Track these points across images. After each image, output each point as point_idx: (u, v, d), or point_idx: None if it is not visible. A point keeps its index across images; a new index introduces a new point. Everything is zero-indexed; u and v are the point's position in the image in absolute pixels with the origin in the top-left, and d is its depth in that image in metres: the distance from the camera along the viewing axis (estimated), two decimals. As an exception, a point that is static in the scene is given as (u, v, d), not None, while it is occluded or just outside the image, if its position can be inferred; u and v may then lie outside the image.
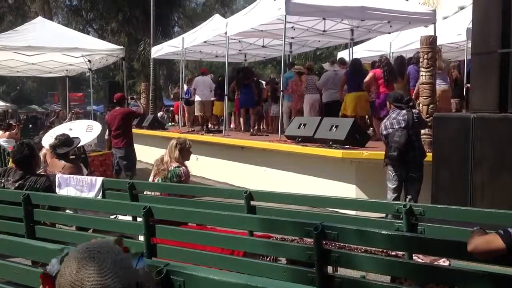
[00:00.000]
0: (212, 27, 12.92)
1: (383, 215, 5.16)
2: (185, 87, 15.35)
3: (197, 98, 13.89)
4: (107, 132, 10.70)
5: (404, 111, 6.55)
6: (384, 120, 6.82)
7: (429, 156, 6.63)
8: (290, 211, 4.46)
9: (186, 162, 5.47)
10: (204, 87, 13.74)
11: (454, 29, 11.81)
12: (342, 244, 3.27)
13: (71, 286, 1.19)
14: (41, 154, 6.66)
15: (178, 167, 5.26)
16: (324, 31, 11.95)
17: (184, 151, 5.41)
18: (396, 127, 6.48)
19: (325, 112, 10.71)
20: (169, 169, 5.24)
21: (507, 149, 5.45)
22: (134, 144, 9.69)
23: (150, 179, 5.43)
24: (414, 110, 6.70)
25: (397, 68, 9.91)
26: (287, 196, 4.85)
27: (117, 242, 1.32)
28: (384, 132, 6.66)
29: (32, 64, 13.87)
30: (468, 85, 9.63)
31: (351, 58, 12.28)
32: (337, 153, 7.89)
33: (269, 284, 2.41)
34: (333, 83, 10.83)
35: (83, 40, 13.22)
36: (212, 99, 13.95)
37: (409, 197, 6.46)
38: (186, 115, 15.49)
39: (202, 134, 12.61)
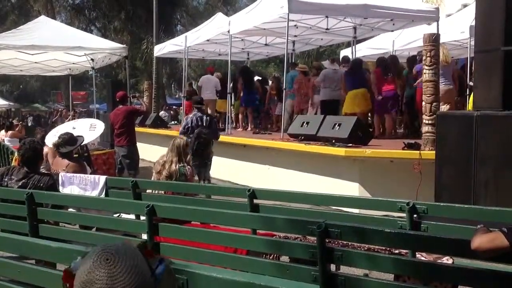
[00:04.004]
0: (215, 26, 12.91)
1: (386, 213, 5.15)
2: None
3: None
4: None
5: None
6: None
7: (432, 154, 6.61)
8: (293, 209, 4.46)
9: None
10: (209, 86, 13.75)
11: (457, 26, 11.76)
12: (345, 242, 3.28)
13: (81, 286, 1.18)
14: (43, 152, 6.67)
15: (183, 166, 5.24)
16: (327, 29, 11.92)
17: (186, 149, 5.41)
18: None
19: (322, 110, 10.67)
20: (174, 168, 5.20)
21: (510, 147, 5.43)
22: (137, 143, 9.69)
23: (153, 178, 5.42)
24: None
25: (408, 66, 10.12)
26: (290, 194, 4.85)
27: (143, 245, 1.27)
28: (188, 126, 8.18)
29: (35, 63, 13.90)
30: (471, 83, 9.66)
31: (354, 57, 12.27)
32: (340, 151, 7.88)
33: (272, 282, 2.41)
34: (331, 81, 10.79)
35: (86, 39, 13.23)
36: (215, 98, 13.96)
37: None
38: None
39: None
